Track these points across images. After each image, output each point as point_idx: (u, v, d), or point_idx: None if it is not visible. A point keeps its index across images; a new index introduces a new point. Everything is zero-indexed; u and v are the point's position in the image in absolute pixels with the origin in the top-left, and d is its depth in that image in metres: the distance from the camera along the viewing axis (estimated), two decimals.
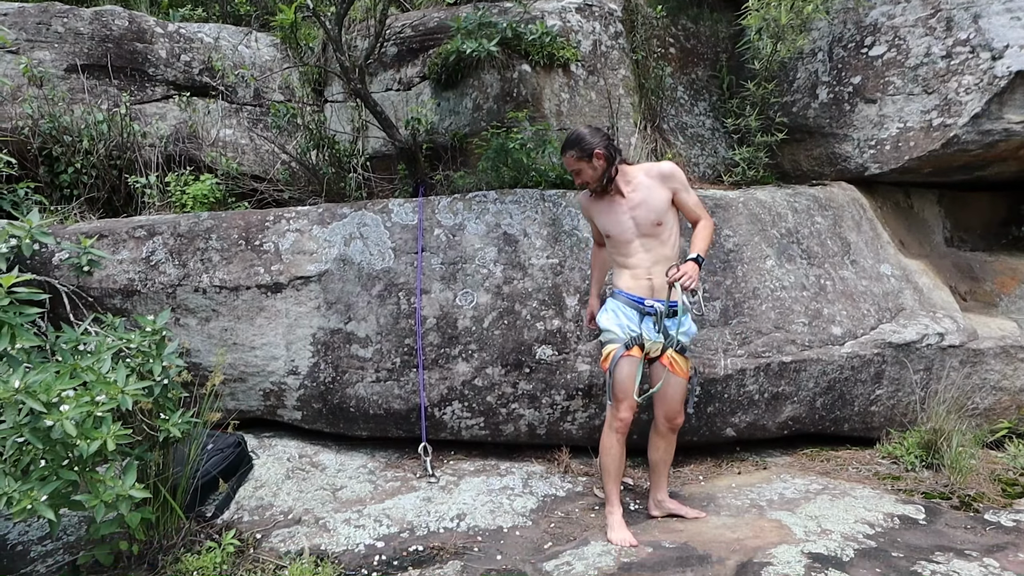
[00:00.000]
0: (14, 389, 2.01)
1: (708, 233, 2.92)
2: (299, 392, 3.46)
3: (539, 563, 2.68)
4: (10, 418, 2.01)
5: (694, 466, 3.70)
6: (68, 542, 2.80)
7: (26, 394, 2.02)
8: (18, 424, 2.01)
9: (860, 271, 4.02)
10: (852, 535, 2.81)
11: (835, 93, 4.45)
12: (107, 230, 3.34)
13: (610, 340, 2.90)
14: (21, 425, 2.01)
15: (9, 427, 2.01)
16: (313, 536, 2.86)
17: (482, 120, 4.15)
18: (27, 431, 2.00)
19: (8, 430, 2.02)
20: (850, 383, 3.73)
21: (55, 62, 4.37)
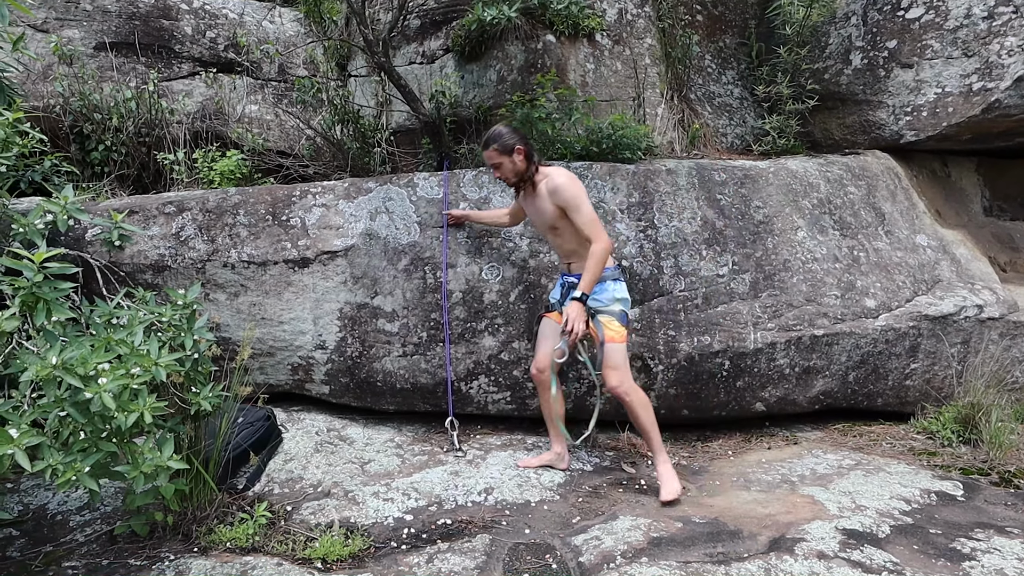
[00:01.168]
0: (52, 365, 2.03)
1: (595, 263, 2.85)
2: (327, 366, 3.48)
3: (568, 537, 2.68)
4: (50, 393, 2.04)
5: (723, 441, 3.66)
6: (105, 512, 2.87)
7: (64, 370, 2.04)
8: (59, 398, 2.05)
9: (895, 242, 3.91)
10: (888, 511, 2.76)
11: (869, 58, 4.29)
12: (138, 206, 3.37)
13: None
14: (61, 399, 2.05)
15: (50, 401, 2.05)
16: (343, 509, 2.89)
17: (506, 92, 4.09)
18: (67, 405, 2.04)
19: (50, 404, 2.05)
20: (884, 357, 3.65)
21: (84, 40, 4.40)
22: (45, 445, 2.05)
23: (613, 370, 2.93)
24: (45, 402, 2.06)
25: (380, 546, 2.64)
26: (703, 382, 3.51)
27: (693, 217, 3.64)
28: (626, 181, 3.64)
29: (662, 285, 3.50)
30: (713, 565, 2.39)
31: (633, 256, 3.51)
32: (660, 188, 3.67)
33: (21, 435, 1.98)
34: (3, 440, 1.96)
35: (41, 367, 2.02)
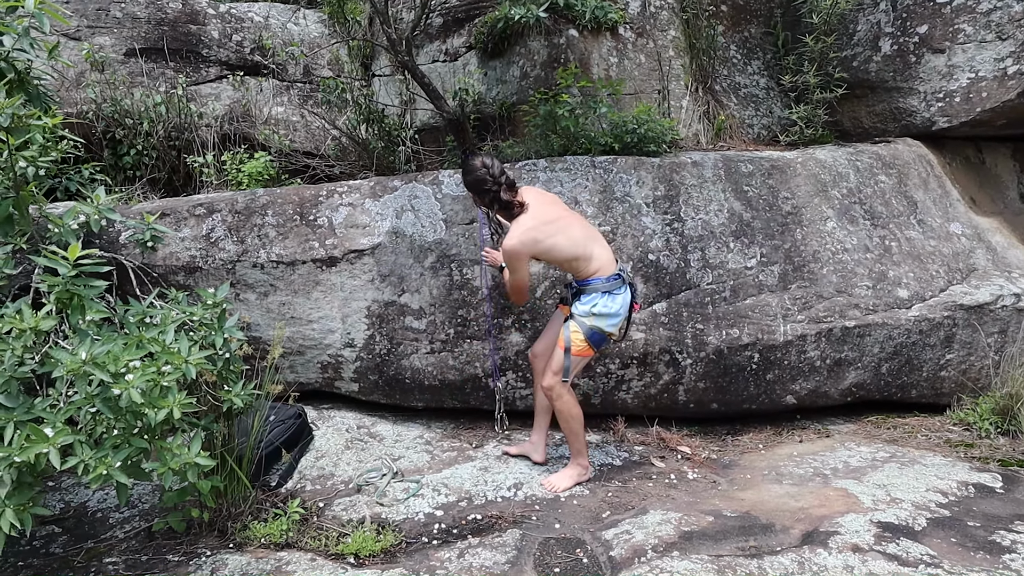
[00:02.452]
0: (81, 361, 2.08)
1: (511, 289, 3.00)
2: (355, 364, 3.52)
3: (598, 532, 2.68)
4: (81, 389, 2.09)
5: (753, 434, 3.63)
6: (143, 510, 2.94)
7: (93, 365, 2.08)
8: (90, 395, 2.09)
9: (928, 231, 3.83)
10: (924, 504, 2.71)
11: (899, 44, 4.20)
12: (169, 208, 3.43)
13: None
14: (92, 396, 2.09)
15: (82, 397, 2.09)
16: (374, 505, 2.92)
17: (529, 88, 4.08)
18: (98, 401, 2.08)
19: (81, 400, 2.10)
20: (918, 347, 3.57)
21: (115, 47, 4.49)
22: (78, 442, 2.09)
23: (552, 373, 2.92)
24: (77, 398, 2.10)
25: (411, 541, 2.67)
26: (732, 375, 3.48)
27: (720, 209, 3.60)
28: (651, 174, 3.62)
29: (689, 278, 3.47)
30: (745, 559, 2.37)
31: (659, 250, 3.48)
32: (686, 181, 3.63)
33: (56, 434, 2.02)
34: (39, 438, 2.01)
35: (72, 362, 2.07)
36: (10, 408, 2.10)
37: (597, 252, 2.87)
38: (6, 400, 2.10)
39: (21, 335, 2.14)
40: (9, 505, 1.99)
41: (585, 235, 2.90)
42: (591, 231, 2.97)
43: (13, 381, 2.12)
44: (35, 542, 2.69)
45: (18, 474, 2.02)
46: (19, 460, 1.96)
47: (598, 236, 2.97)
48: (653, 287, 3.45)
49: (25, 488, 2.06)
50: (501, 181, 2.83)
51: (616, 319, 2.88)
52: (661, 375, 3.47)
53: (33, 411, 2.11)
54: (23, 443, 1.98)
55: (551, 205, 2.95)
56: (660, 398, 3.54)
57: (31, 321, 2.15)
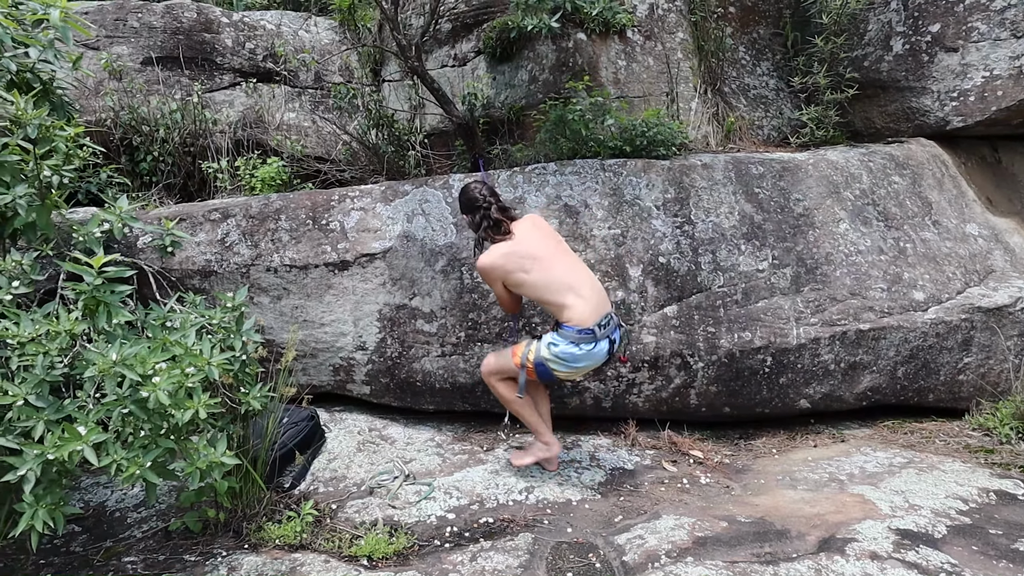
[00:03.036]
0: (112, 361, 2.13)
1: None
2: (367, 367, 3.54)
3: (610, 536, 2.67)
4: (111, 390, 2.13)
5: (766, 439, 3.60)
6: (160, 510, 2.97)
7: (123, 366, 2.13)
8: (121, 396, 2.14)
9: (943, 232, 3.79)
10: (943, 511, 2.67)
11: (911, 43, 4.17)
12: (185, 214, 3.48)
13: None
14: (123, 397, 2.14)
15: (112, 399, 2.14)
16: (386, 507, 2.93)
17: (538, 92, 4.10)
18: (129, 402, 2.12)
19: (112, 402, 2.14)
20: (935, 351, 3.53)
21: (132, 56, 4.57)
22: (109, 442, 2.14)
23: (494, 366, 2.97)
24: (108, 400, 2.15)
25: (424, 544, 2.68)
26: (745, 379, 3.46)
27: (731, 212, 3.58)
28: (661, 177, 3.61)
29: (700, 281, 3.46)
30: (761, 565, 2.35)
31: (670, 252, 3.47)
32: (696, 183, 3.62)
33: (89, 432, 2.08)
34: (73, 437, 2.06)
35: (103, 364, 2.12)
36: (41, 408, 2.15)
37: (571, 302, 2.75)
38: (37, 401, 2.15)
39: (55, 338, 2.19)
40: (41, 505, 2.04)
41: (566, 281, 2.79)
42: (576, 277, 2.82)
43: (44, 383, 2.17)
44: (56, 540, 2.73)
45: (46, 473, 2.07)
46: (52, 457, 2.01)
47: (583, 283, 2.81)
48: (664, 290, 3.44)
49: (56, 487, 2.10)
50: (492, 201, 2.88)
51: (571, 368, 2.81)
52: (672, 378, 3.46)
53: (63, 411, 2.17)
54: (57, 441, 2.03)
55: (541, 240, 2.87)
56: (671, 402, 3.52)
57: (66, 324, 2.20)
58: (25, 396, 2.15)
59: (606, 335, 2.80)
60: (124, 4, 4.72)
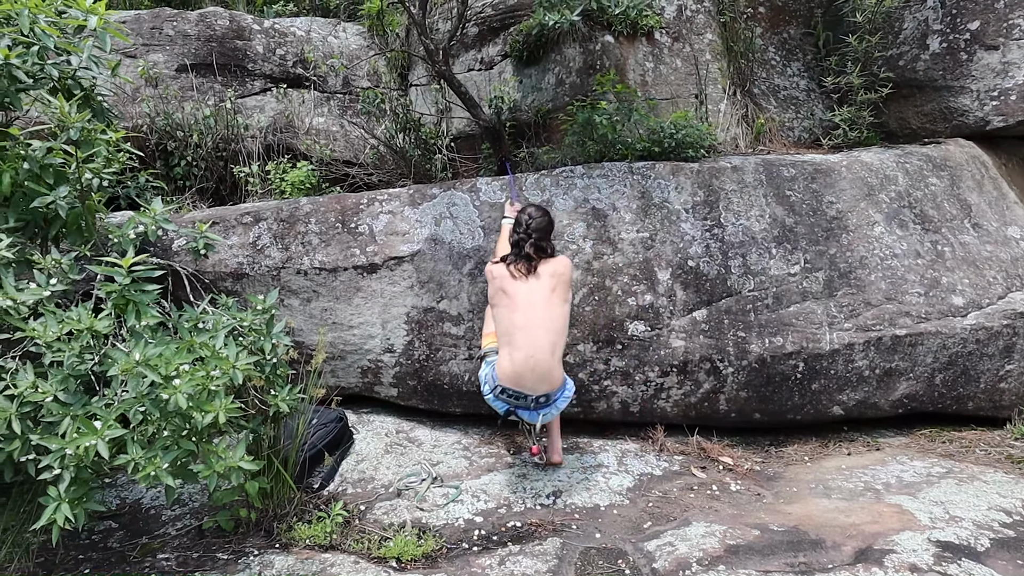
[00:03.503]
0: (135, 361, 2.16)
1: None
2: (395, 369, 3.56)
3: (639, 542, 2.64)
4: (133, 388, 2.17)
5: (798, 446, 3.53)
6: (194, 508, 3.02)
7: (145, 366, 2.17)
8: (140, 395, 2.17)
9: (983, 235, 3.68)
10: (986, 523, 2.59)
11: (949, 42, 4.07)
12: (218, 217, 3.54)
13: None
14: (142, 396, 2.17)
15: (132, 397, 2.18)
16: (414, 509, 2.94)
17: (565, 95, 4.09)
18: (147, 401, 2.16)
19: (131, 400, 2.18)
20: (975, 358, 3.43)
21: (167, 63, 4.68)
22: (129, 440, 2.17)
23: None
24: (127, 398, 2.19)
25: (452, 547, 2.68)
26: (776, 385, 3.40)
27: (761, 215, 3.53)
28: (690, 180, 3.57)
29: (730, 285, 3.41)
30: (795, 575, 2.30)
31: (699, 256, 3.43)
32: (726, 186, 3.58)
33: (104, 426, 2.11)
34: (89, 431, 2.10)
35: (125, 363, 2.16)
36: (68, 404, 2.20)
37: (503, 354, 2.83)
38: (65, 397, 2.20)
39: (79, 335, 2.23)
40: (64, 500, 2.07)
41: (512, 330, 2.81)
42: (528, 337, 2.76)
43: (71, 379, 2.22)
44: (94, 536, 2.79)
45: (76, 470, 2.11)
46: (71, 453, 2.04)
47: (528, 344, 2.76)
48: (693, 294, 3.40)
49: (81, 484, 2.14)
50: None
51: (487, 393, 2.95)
52: (701, 383, 3.42)
53: (89, 407, 2.21)
54: (74, 435, 2.07)
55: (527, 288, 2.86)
56: (700, 407, 3.48)
57: (87, 322, 2.25)
58: (55, 393, 2.20)
59: (514, 403, 2.86)
60: (160, 13, 4.84)
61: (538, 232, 2.92)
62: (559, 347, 2.83)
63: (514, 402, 2.85)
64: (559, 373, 2.83)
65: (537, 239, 2.91)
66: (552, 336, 2.80)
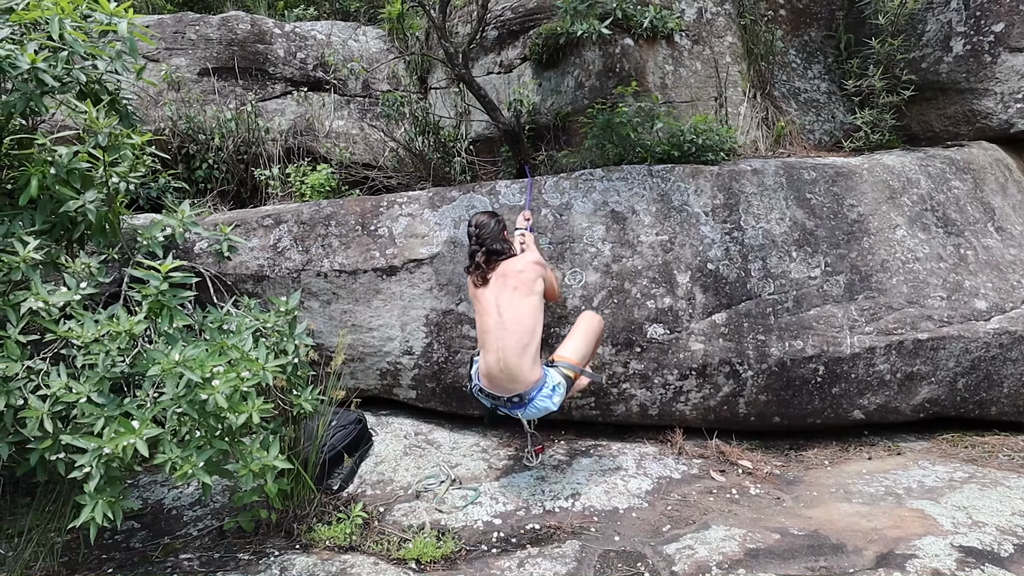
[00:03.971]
0: (175, 362, 2.20)
1: None
2: (413, 371, 3.58)
3: (659, 546, 2.64)
4: (170, 390, 2.21)
5: (818, 450, 3.50)
6: (215, 508, 3.06)
7: (185, 367, 2.21)
8: (177, 396, 2.21)
9: (1008, 238, 3.64)
10: (1009, 528, 2.56)
11: (972, 44, 4.03)
12: (239, 220, 3.58)
13: None
14: (179, 397, 2.21)
15: (169, 399, 2.21)
16: (432, 511, 2.96)
17: (584, 98, 4.09)
18: (185, 402, 2.19)
19: (168, 401, 2.22)
20: (998, 362, 3.39)
21: (189, 67, 4.74)
22: (165, 440, 2.21)
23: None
24: (164, 399, 2.22)
25: (471, 549, 2.69)
26: (796, 388, 3.38)
27: (781, 218, 3.51)
28: (710, 183, 3.56)
29: (750, 288, 3.39)
30: None
31: (719, 259, 3.42)
32: (745, 189, 3.56)
33: (142, 427, 2.15)
34: (127, 431, 2.13)
35: (166, 363, 2.20)
36: (102, 405, 2.24)
37: (481, 357, 2.92)
38: (99, 398, 2.24)
39: (116, 338, 2.27)
40: (101, 498, 2.11)
41: (484, 335, 2.88)
42: (497, 340, 2.79)
43: (105, 381, 2.26)
44: (117, 536, 2.83)
45: (107, 468, 2.15)
46: (108, 452, 2.08)
47: (497, 348, 2.79)
48: (712, 297, 3.39)
49: (115, 483, 2.18)
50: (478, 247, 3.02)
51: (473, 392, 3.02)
52: (721, 387, 3.40)
53: (123, 408, 2.25)
54: (112, 435, 2.11)
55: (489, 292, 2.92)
56: (719, 410, 3.46)
57: (126, 325, 2.29)
58: (88, 394, 2.24)
59: (492, 402, 2.93)
60: (182, 17, 4.90)
61: (488, 239, 2.97)
62: (531, 345, 2.79)
63: (492, 401, 2.91)
64: (533, 373, 2.77)
65: (488, 246, 2.96)
66: (519, 336, 2.77)
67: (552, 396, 2.82)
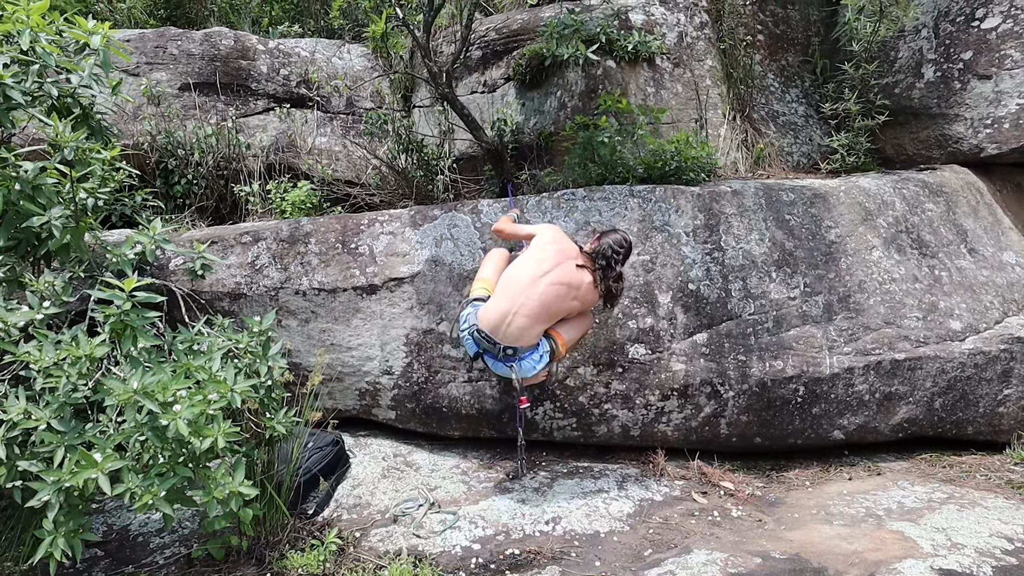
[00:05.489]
0: (133, 390, 2.12)
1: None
2: (393, 392, 3.52)
3: (640, 571, 2.60)
4: (131, 417, 2.12)
5: (799, 471, 3.50)
6: (183, 535, 2.95)
7: (144, 395, 2.12)
8: (139, 423, 2.12)
9: (980, 260, 3.71)
10: (988, 550, 2.57)
11: (943, 71, 4.14)
12: (217, 237, 3.53)
13: None
14: (141, 424, 2.13)
15: (131, 426, 2.13)
16: (410, 536, 2.89)
17: (567, 119, 4.12)
18: (147, 430, 2.11)
19: (131, 429, 2.13)
20: (973, 382, 3.43)
21: (170, 82, 4.69)
22: (126, 468, 2.12)
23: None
24: (126, 427, 2.14)
25: (448, 575, 2.62)
26: (776, 408, 3.38)
27: (761, 239, 3.54)
28: (690, 203, 3.59)
29: (730, 308, 3.41)
30: None
31: (700, 279, 3.43)
32: (726, 210, 3.59)
33: (105, 459, 2.06)
34: (88, 464, 2.04)
35: (123, 392, 2.11)
36: (62, 432, 2.15)
37: (494, 300, 2.96)
38: (59, 425, 2.15)
39: (76, 362, 2.19)
40: (60, 533, 2.02)
41: (518, 285, 2.94)
42: (526, 297, 2.91)
43: (66, 407, 2.17)
44: (79, 565, 2.72)
45: (67, 498, 2.06)
46: (69, 485, 1.99)
47: (511, 303, 2.91)
48: (694, 317, 3.39)
49: (75, 514, 2.09)
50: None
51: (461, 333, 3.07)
52: (702, 407, 3.40)
53: (84, 436, 2.16)
54: (73, 468, 2.02)
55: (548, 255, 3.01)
56: (701, 431, 3.45)
57: (86, 349, 2.21)
58: (48, 420, 2.15)
59: (484, 346, 2.97)
60: (164, 32, 4.86)
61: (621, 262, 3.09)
62: (544, 325, 2.99)
63: (486, 344, 2.95)
64: (534, 341, 2.97)
65: (616, 268, 3.06)
66: (540, 312, 2.94)
67: (538, 364, 3.00)
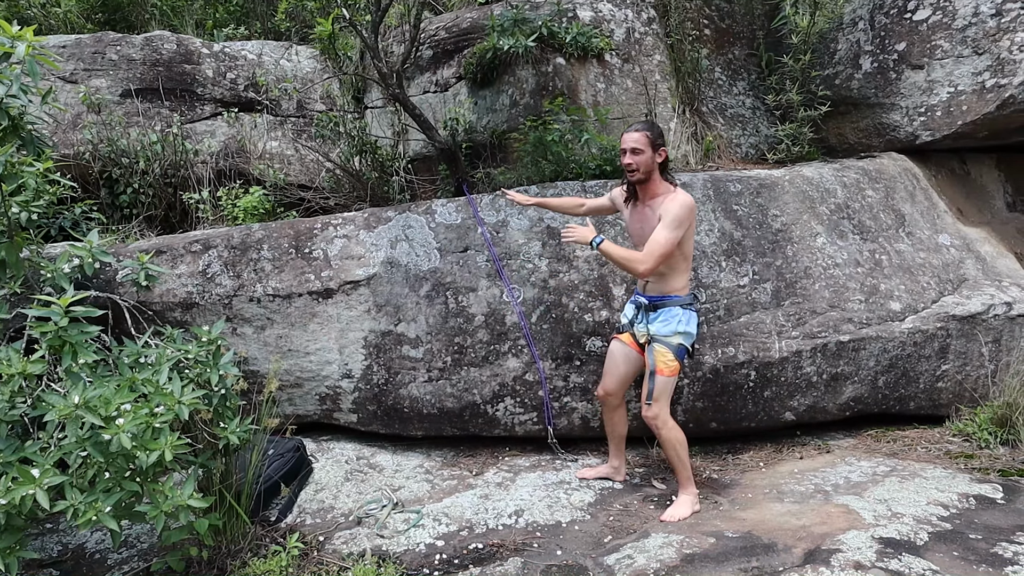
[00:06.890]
0: (74, 405, 2.07)
1: (626, 256, 2.82)
2: (354, 395, 3.53)
3: (600, 557, 2.67)
4: (72, 433, 2.08)
5: (753, 452, 3.62)
6: (142, 549, 2.91)
7: (85, 409, 2.07)
8: (80, 438, 2.08)
9: (917, 243, 3.87)
10: (925, 518, 2.70)
11: (879, 62, 4.29)
12: (165, 246, 3.47)
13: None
14: (83, 439, 2.08)
15: (72, 441, 2.08)
16: (374, 537, 2.91)
17: (519, 116, 4.16)
18: (89, 445, 2.07)
19: (72, 444, 2.08)
20: (913, 359, 3.59)
21: (111, 88, 4.57)
22: (68, 485, 2.07)
23: (654, 401, 2.94)
24: (67, 442, 2.09)
25: (412, 573, 2.65)
26: (730, 394, 3.49)
27: (711, 229, 3.64)
28: None
29: None
30: None
31: None
32: None
33: (42, 475, 2.01)
34: (26, 480, 2.00)
35: (63, 407, 2.06)
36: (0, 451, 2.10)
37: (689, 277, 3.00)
38: None
39: (10, 380, 2.14)
40: None
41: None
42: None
43: (3, 424, 2.12)
44: None
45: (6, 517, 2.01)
46: (4, 503, 1.94)
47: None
48: None
49: (13, 531, 2.04)
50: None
51: (694, 336, 2.99)
52: None
53: (22, 453, 2.11)
54: (9, 484, 1.97)
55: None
56: None
57: (19, 366, 2.15)
58: None
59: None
60: (102, 37, 4.73)
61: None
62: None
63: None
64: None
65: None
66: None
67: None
